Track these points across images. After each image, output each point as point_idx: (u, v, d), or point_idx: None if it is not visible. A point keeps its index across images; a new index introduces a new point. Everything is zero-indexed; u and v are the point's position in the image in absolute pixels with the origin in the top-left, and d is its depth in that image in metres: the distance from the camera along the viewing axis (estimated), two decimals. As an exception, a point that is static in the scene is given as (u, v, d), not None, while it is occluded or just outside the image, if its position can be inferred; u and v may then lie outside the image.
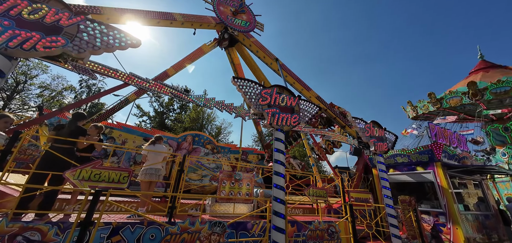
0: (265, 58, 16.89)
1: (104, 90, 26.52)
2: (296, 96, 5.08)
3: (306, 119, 4.84)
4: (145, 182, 3.90)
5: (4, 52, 2.67)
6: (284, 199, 3.27)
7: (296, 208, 6.12)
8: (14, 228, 1.80)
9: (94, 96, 21.19)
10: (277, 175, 3.47)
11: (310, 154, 11.76)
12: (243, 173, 4.41)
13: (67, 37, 3.04)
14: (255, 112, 4.65)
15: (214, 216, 3.94)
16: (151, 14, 13.10)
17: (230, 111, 9.01)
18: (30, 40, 2.80)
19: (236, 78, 4.74)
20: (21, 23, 2.88)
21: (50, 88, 23.92)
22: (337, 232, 3.55)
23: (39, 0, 3.11)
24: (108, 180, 2.82)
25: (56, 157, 3.09)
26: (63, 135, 3.42)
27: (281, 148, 3.91)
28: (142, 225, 2.87)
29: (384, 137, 6.29)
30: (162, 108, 30.33)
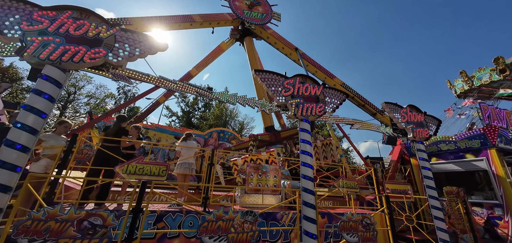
0: (284, 48, 16.48)
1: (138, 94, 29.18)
2: (320, 84, 4.87)
3: (333, 108, 4.61)
4: (181, 175, 4.26)
5: (59, 65, 3.06)
6: (313, 189, 3.22)
7: (325, 199, 5.95)
8: (81, 214, 2.14)
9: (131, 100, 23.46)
10: (305, 166, 3.41)
11: (337, 145, 11.24)
12: (269, 166, 4.44)
13: (107, 48, 3.37)
14: (278, 104, 4.60)
15: (244, 207, 4.12)
16: (173, 19, 13.82)
17: (252, 105, 9.10)
18: (78, 53, 3.17)
19: (257, 71, 4.73)
20: (69, 39, 3.26)
21: (95, 97, 27.37)
22: (373, 224, 3.36)
23: (81, 17, 3.49)
24: (150, 174, 3.13)
25: (106, 155, 3.56)
26: (110, 136, 3.90)
27: (307, 138, 3.81)
28: (181, 213, 3.16)
29: (424, 122, 5.66)
30: (188, 108, 32.14)
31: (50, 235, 2.02)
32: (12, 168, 2.23)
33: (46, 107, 2.65)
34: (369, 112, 12.96)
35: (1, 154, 2.27)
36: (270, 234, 3.56)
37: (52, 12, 3.30)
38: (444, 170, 7.05)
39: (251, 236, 2.59)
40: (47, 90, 2.70)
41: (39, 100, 2.61)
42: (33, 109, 2.53)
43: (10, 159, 2.26)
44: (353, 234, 3.19)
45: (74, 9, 3.48)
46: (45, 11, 3.25)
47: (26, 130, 2.41)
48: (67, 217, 2.08)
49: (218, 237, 2.44)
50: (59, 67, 3.00)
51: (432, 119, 5.73)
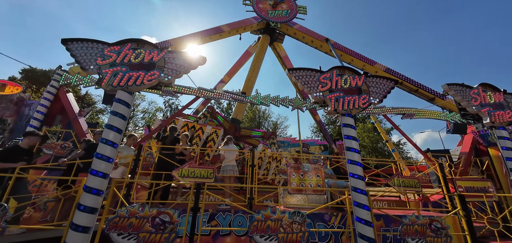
0: (313, 42, 15.75)
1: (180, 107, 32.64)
2: (361, 74, 4.47)
3: (379, 98, 4.16)
4: (227, 177, 4.57)
5: (126, 90, 3.69)
6: (364, 188, 2.96)
7: (378, 200, 5.36)
8: (153, 212, 2.53)
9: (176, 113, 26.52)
10: (353, 163, 3.18)
11: (386, 138, 10.03)
12: (310, 165, 4.31)
13: (159, 69, 3.90)
14: (316, 101, 4.44)
15: (288, 207, 4.10)
16: (204, 33, 14.94)
17: (286, 104, 9.02)
18: (139, 77, 3.76)
19: (291, 70, 4.67)
20: (132, 67, 3.87)
21: (148, 112, 31.90)
22: (445, 228, 2.85)
23: (138, 47, 4.12)
24: (200, 176, 3.46)
25: (165, 161, 4.13)
26: (167, 145, 4.50)
27: (352, 134, 3.54)
28: (230, 213, 3.39)
29: (505, 103, 4.54)
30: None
31: (133, 229, 2.47)
32: (102, 175, 2.82)
33: (121, 124, 3.25)
34: (424, 98, 11.10)
35: (94, 165, 2.89)
36: (319, 235, 3.44)
37: (117, 46, 4.01)
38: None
39: (301, 237, 2.57)
40: (121, 110, 3.31)
41: (116, 119, 3.22)
42: (113, 127, 3.13)
43: (100, 168, 2.85)
44: (420, 239, 2.78)
45: (132, 41, 4.14)
46: (112, 46, 3.98)
47: (109, 145, 3.00)
48: (144, 215, 2.50)
49: (268, 236, 2.51)
50: (127, 91, 3.62)
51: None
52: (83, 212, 2.51)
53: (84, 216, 2.51)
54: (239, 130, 10.42)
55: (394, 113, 7.40)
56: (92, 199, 2.58)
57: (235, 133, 9.96)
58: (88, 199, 2.57)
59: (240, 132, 10.25)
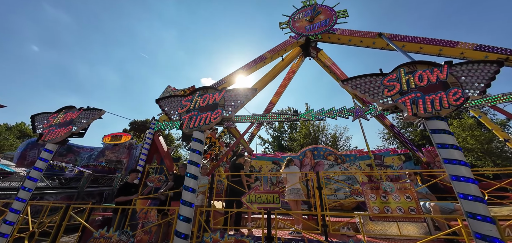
0: (362, 42, 14.16)
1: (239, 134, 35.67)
2: (442, 64, 3.63)
3: (480, 88, 3.17)
4: (293, 201, 4.48)
5: (199, 129, 4.43)
6: (488, 214, 2.15)
7: None
8: (231, 240, 2.77)
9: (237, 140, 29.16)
10: (459, 180, 2.41)
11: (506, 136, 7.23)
12: (393, 184, 3.58)
13: (221, 108, 4.51)
14: (384, 108, 3.87)
15: (373, 237, 3.45)
16: (250, 65, 16.29)
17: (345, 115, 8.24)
18: (207, 118, 4.46)
19: (345, 81, 4.38)
20: (201, 110, 4.64)
21: (210, 142, 36.51)
22: None
23: (204, 92, 4.93)
24: (267, 202, 3.56)
25: (235, 187, 4.54)
26: (232, 171, 4.98)
27: (449, 141, 2.75)
28: (303, 242, 3.23)
29: None
30: (276, 133, 34.42)
31: (215, 255, 2.77)
32: (189, 204, 3.39)
33: (199, 159, 3.88)
34: None
35: (183, 196, 3.52)
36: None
37: (190, 96, 4.96)
38: None
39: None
40: (198, 147, 3.98)
41: (195, 155, 3.88)
42: (193, 162, 3.78)
43: (188, 198, 3.44)
44: None
45: (199, 89, 5.02)
46: (186, 97, 4.96)
47: (192, 177, 3.62)
48: (224, 242, 2.78)
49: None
50: (199, 130, 4.35)
51: None
52: (179, 238, 3.05)
53: (181, 241, 3.03)
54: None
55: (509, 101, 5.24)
56: (185, 226, 3.11)
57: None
58: (182, 226, 3.11)
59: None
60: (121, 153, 20.76)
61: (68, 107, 5.55)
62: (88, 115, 5.30)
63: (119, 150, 20.78)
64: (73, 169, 12.24)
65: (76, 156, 20.35)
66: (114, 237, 3.35)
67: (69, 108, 5.51)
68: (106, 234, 3.41)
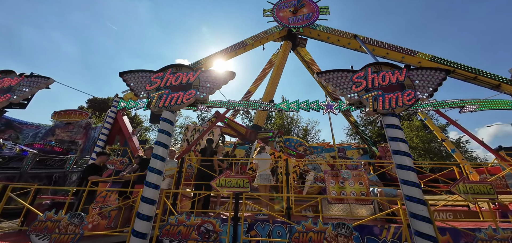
0: (339, 41, 15.02)
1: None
2: (402, 67, 4.06)
3: (428, 92, 3.67)
4: (262, 186, 4.62)
5: (170, 109, 4.15)
6: (422, 197, 2.59)
7: (440, 211, 4.55)
8: (198, 220, 2.74)
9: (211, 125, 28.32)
10: (403, 168, 2.83)
11: (443, 137, 8.64)
12: (350, 171, 4.00)
13: (195, 88, 4.29)
14: (350, 102, 4.18)
15: (330, 218, 3.85)
16: (229, 49, 15.80)
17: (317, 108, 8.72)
18: (179, 97, 4.20)
19: (320, 73, 4.55)
20: (173, 89, 4.35)
21: (184, 126, 35.01)
22: (538, 245, 2.26)
23: (177, 70, 4.61)
24: (236, 185, 3.59)
25: (204, 172, 4.44)
26: (207, 156, 4.86)
27: (398, 135, 3.18)
28: (269, 223, 3.38)
29: None
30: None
31: (182, 237, 2.71)
32: (155, 186, 3.20)
33: (167, 140, 3.65)
34: (486, 86, 9.26)
35: (148, 177, 3.30)
36: (369, 250, 3.12)
37: (160, 73, 4.58)
38: None
39: (348, 251, 2.39)
40: (167, 128, 3.74)
41: (163, 136, 3.64)
42: (161, 143, 3.55)
43: (153, 180, 3.24)
44: (502, 258, 2.26)
45: (172, 67, 4.66)
46: (157, 73, 4.57)
47: (159, 159, 3.40)
48: (190, 223, 2.73)
49: (312, 249, 2.41)
50: (170, 110, 4.08)
51: None
52: (141, 220, 2.88)
53: (142, 223, 2.87)
54: (256, 135, 10.53)
55: (451, 106, 6.30)
56: (148, 208, 2.95)
57: (252, 137, 10.12)
58: (145, 208, 2.93)
59: (256, 137, 10.36)
60: (76, 133, 18.38)
61: (6, 71, 4.60)
62: (32, 83, 4.48)
63: (74, 130, 18.37)
64: (14, 147, 10.42)
65: (18, 133, 17.30)
66: (64, 220, 2.99)
67: (7, 73, 4.57)
68: (54, 216, 3.02)
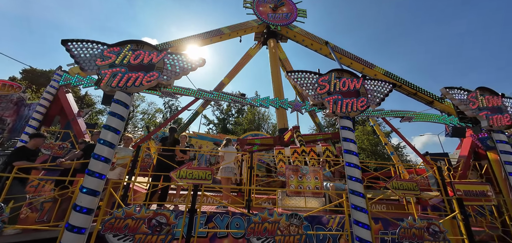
0: (312, 44, 15.88)
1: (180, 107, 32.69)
2: (360, 76, 4.51)
3: (377, 101, 4.18)
4: (225, 179, 4.56)
5: (125, 91, 3.68)
6: (362, 191, 2.96)
7: (377, 203, 5.34)
8: (149, 213, 2.52)
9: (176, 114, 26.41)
10: (350, 166, 3.18)
11: (386, 141, 10.05)
12: (309, 167, 4.30)
13: (158, 70, 3.90)
14: (314, 103, 4.45)
15: (286, 209, 4.09)
16: (204, 35, 15.04)
17: (285, 106, 9.05)
18: (138, 78, 3.76)
19: (289, 72, 4.70)
20: (131, 68, 3.87)
21: (147, 113, 31.87)
22: (443, 232, 2.84)
23: (137, 48, 4.12)
24: (198, 178, 3.45)
25: (164, 162, 4.12)
26: (168, 146, 4.50)
27: (350, 136, 3.55)
28: (228, 215, 3.37)
29: (503, 106, 4.56)
30: (223, 115, 34.07)
31: (129, 231, 2.46)
32: (99, 176, 2.81)
33: (119, 125, 3.24)
34: (423, 101, 11.15)
35: (91, 165, 2.87)
36: (317, 238, 3.42)
37: (116, 47, 4.02)
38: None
39: (298, 240, 2.56)
40: (119, 111, 3.31)
41: (114, 120, 3.21)
42: (110, 128, 3.12)
43: (97, 169, 2.84)
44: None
45: (131, 43, 4.15)
46: (112, 47, 4.00)
47: (107, 145, 2.99)
48: (140, 216, 2.49)
49: (266, 238, 2.50)
50: (125, 92, 3.62)
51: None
52: (78, 213, 2.50)
53: (80, 216, 2.49)
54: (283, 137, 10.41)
55: (393, 116, 7.41)
56: (88, 200, 2.57)
57: (282, 141, 9.99)
58: (84, 199, 2.55)
59: (284, 140, 10.22)
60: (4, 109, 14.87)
61: None
62: None
63: (1, 105, 14.82)
64: None
65: None
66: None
67: None
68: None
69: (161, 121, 30.99)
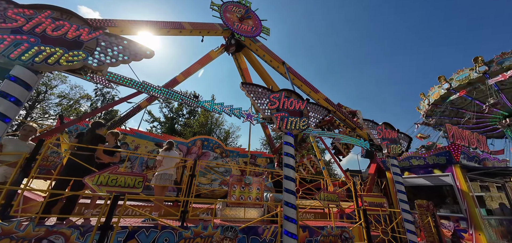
0: (272, 61, 17.01)
1: (117, 98, 27.72)
2: (304, 99, 5.09)
3: (315, 122, 4.81)
4: (159, 187, 4.04)
5: (30, 67, 2.85)
6: (295, 203, 3.26)
7: (307, 212, 6.02)
8: (40, 231, 1.93)
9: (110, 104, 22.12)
10: (287, 179, 3.47)
11: (320, 157, 11.57)
12: (253, 177, 4.43)
13: (87, 51, 3.23)
14: (264, 117, 4.69)
15: (225, 221, 4.00)
16: (161, 24, 13.65)
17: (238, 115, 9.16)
18: (54, 55, 2.99)
19: (244, 84, 4.84)
20: (46, 40, 3.07)
21: (68, 97, 25.30)
22: (351, 238, 3.46)
23: (61, 18, 3.32)
24: (124, 185, 2.94)
25: (77, 164, 3.29)
26: (84, 143, 3.63)
27: (290, 152, 3.91)
28: (156, 229, 2.96)
29: (398, 139, 6.12)
30: (172, 114, 31.14)
31: (2, 255, 1.79)
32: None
33: (11, 110, 2.43)
34: (349, 127, 13.64)
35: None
36: (251, 249, 3.49)
37: (29, 10, 3.13)
38: (415, 184, 7.57)
39: (230, 253, 2.53)
40: (14, 93, 2.50)
41: (4, 102, 2.39)
42: (-6, 113, 2.30)
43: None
44: (333, 248, 3.25)
45: (54, 9, 3.33)
46: (22, 9, 3.06)
47: (-17, 135, 2.17)
48: (23, 235, 1.86)
49: (196, 254, 2.34)
50: (31, 68, 2.80)
51: (405, 137, 6.21)
52: None
53: None
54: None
55: (327, 136, 8.74)
56: None
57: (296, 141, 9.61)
58: None
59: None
60: None
61: None
62: None
63: None
64: None
65: None
66: None
67: None
68: None
69: (88, 111, 25.34)
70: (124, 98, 8.65)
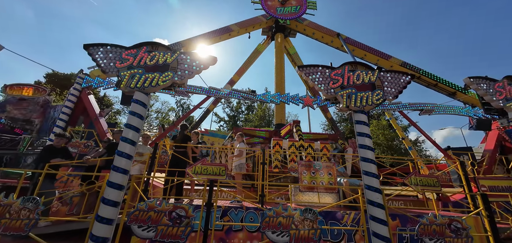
0: (323, 37, 15.46)
1: (192, 105, 33.46)
2: (375, 69, 4.36)
3: (394, 93, 4.03)
4: (238, 174, 4.67)
5: (143, 91, 3.86)
6: (378, 187, 2.91)
7: (394, 199, 5.19)
8: (169, 206, 2.67)
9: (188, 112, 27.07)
10: (366, 161, 3.13)
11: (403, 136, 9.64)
12: (322, 163, 4.27)
13: (173, 71, 4.05)
14: (327, 97, 4.38)
15: (299, 205, 4.11)
16: (213, 33, 15.19)
17: (296, 102, 8.97)
18: (154, 79, 3.93)
19: (301, 67, 4.66)
20: (147, 69, 4.06)
21: (161, 111, 33.04)
22: (466, 229, 2.72)
23: (153, 49, 4.29)
24: (213, 173, 3.57)
25: (178, 158, 4.30)
26: (178, 142, 4.69)
27: (365, 131, 3.47)
28: (242, 209, 3.47)
29: (536, 95, 4.21)
30: (233, 112, 34.41)
31: (152, 222, 2.62)
32: (123, 171, 3.01)
33: (139, 123, 3.43)
34: (444, 93, 10.52)
35: (115, 162, 3.08)
36: (332, 234, 3.42)
37: (134, 50, 4.22)
38: None
39: (312, 234, 2.58)
40: (138, 111, 3.49)
41: (134, 119, 3.41)
42: (131, 126, 3.32)
43: (121, 165, 3.04)
44: (439, 239, 2.67)
45: (147, 44, 4.33)
46: (130, 49, 4.19)
47: (129, 143, 3.19)
48: (161, 209, 2.65)
49: (280, 232, 2.55)
50: (143, 92, 3.81)
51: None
52: (107, 205, 2.71)
53: (108, 209, 2.70)
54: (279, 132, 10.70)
55: (411, 109, 7.07)
56: (115, 194, 2.77)
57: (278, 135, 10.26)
58: (111, 193, 2.76)
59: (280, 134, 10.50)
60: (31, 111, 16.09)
61: None
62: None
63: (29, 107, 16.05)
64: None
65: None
66: (16, 204, 2.67)
67: None
68: (4, 200, 2.68)
69: (174, 120, 31.98)
70: (197, 105, 10.29)
